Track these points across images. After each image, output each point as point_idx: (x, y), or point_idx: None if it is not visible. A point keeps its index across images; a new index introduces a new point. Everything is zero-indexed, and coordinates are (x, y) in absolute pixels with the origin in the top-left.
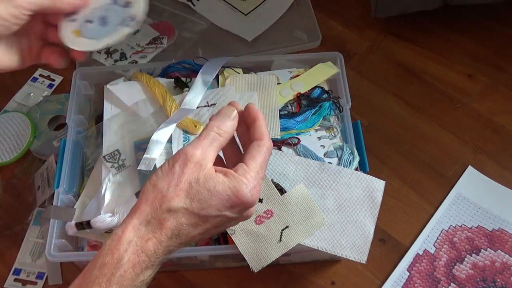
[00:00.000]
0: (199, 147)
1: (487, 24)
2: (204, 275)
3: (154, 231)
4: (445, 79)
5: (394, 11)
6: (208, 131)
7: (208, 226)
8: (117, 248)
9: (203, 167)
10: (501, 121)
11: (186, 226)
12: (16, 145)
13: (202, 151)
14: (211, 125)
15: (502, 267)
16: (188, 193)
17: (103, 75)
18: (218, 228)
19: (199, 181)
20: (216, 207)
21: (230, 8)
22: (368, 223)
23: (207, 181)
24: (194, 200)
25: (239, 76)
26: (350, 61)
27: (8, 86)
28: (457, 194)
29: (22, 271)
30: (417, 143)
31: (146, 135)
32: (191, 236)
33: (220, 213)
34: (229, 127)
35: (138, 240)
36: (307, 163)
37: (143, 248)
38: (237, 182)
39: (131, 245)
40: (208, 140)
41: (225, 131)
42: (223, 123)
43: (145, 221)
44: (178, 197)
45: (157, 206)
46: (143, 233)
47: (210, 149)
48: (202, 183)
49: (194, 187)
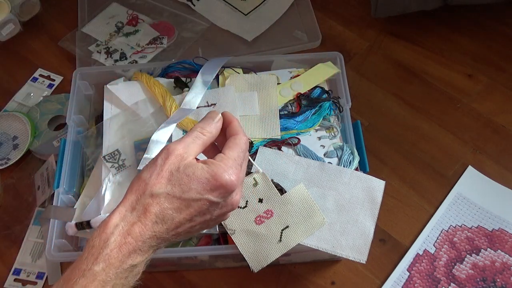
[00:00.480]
0: (182, 142)
1: (487, 24)
2: (204, 275)
3: (139, 216)
4: (445, 79)
5: (394, 11)
6: (192, 130)
7: (192, 211)
8: (104, 231)
9: (184, 158)
10: (501, 121)
11: (170, 211)
12: (16, 145)
13: (184, 145)
14: (195, 126)
15: (502, 267)
16: (169, 180)
17: (103, 75)
18: (205, 216)
19: (179, 169)
20: (196, 190)
21: (230, 8)
22: (368, 223)
23: (186, 168)
24: (175, 186)
25: (239, 76)
26: (350, 61)
27: (8, 86)
28: (457, 194)
29: (22, 271)
30: (417, 143)
31: (146, 135)
32: (177, 221)
33: (201, 196)
34: (213, 127)
35: (124, 224)
36: (307, 163)
37: (129, 231)
38: (215, 166)
39: (117, 228)
40: (191, 137)
41: (208, 131)
42: (207, 124)
43: (130, 207)
44: (160, 184)
45: (141, 193)
46: (129, 218)
47: (192, 145)
48: (182, 170)
49: (175, 175)
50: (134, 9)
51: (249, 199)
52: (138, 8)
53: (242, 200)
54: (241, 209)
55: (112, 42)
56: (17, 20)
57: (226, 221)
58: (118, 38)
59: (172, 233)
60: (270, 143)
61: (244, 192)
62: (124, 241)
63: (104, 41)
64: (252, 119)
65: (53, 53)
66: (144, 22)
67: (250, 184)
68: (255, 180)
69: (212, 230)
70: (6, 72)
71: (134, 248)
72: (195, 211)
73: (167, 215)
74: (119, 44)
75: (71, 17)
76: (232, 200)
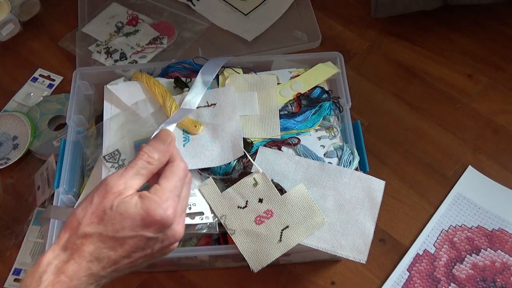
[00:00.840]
0: (123, 176)
1: (487, 24)
2: (204, 275)
3: (72, 255)
4: (445, 79)
5: (394, 11)
6: (137, 159)
7: (128, 248)
8: (37, 270)
9: (121, 195)
10: (501, 121)
11: (104, 249)
12: (16, 145)
13: (125, 181)
14: (142, 152)
15: (502, 267)
16: (101, 220)
17: (103, 75)
18: (145, 251)
19: (112, 207)
20: (130, 228)
21: (230, 8)
22: (368, 223)
23: (119, 205)
24: (108, 225)
25: (239, 76)
26: (350, 61)
27: (8, 86)
28: (457, 194)
29: (22, 271)
30: (417, 143)
31: (146, 135)
32: (113, 259)
33: (136, 233)
34: (162, 154)
35: (57, 262)
36: (307, 163)
37: (62, 269)
38: (149, 201)
39: (50, 266)
40: (134, 169)
41: (156, 159)
42: (156, 150)
43: (64, 246)
44: (92, 224)
45: (73, 232)
46: (62, 257)
47: (135, 179)
48: (115, 208)
49: (108, 213)
50: (134, 9)
51: (249, 199)
52: (138, 8)
53: (242, 200)
54: (241, 209)
55: (112, 42)
56: (17, 20)
57: (226, 221)
58: (118, 38)
59: (109, 270)
60: (270, 143)
61: (244, 192)
62: (57, 279)
63: (104, 41)
64: (252, 119)
65: (53, 53)
66: (144, 22)
67: (250, 184)
68: (255, 180)
69: (212, 230)
70: (6, 72)
71: (69, 287)
72: (132, 248)
73: (102, 253)
74: (119, 44)
75: (71, 17)
76: (174, 232)
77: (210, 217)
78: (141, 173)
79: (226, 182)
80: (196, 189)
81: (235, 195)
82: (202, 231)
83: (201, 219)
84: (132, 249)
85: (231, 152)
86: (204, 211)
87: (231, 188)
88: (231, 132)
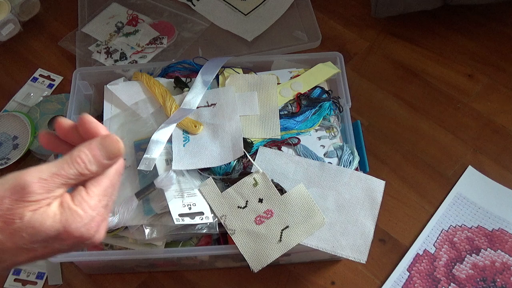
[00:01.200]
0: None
1: (487, 24)
2: (204, 275)
3: None
4: (445, 79)
5: (394, 11)
6: (69, 166)
7: (32, 256)
8: None
9: (38, 204)
10: (501, 121)
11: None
12: (16, 145)
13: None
14: (77, 160)
15: (502, 267)
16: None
17: (103, 75)
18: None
19: (24, 218)
20: (41, 241)
21: (230, 8)
22: (368, 223)
23: (33, 216)
24: (15, 236)
25: (239, 76)
26: (350, 61)
27: (8, 86)
28: (457, 194)
29: (22, 271)
30: (417, 143)
31: (146, 135)
32: (18, 261)
33: (47, 245)
34: (101, 167)
35: None
36: (307, 163)
37: None
38: (71, 214)
39: None
40: (62, 179)
41: (93, 172)
42: (96, 161)
43: None
44: None
45: None
46: None
47: (59, 188)
48: (28, 219)
49: (17, 224)
50: (134, 9)
51: (249, 199)
52: (138, 8)
53: (242, 200)
54: (241, 209)
55: (112, 42)
56: (17, 20)
57: (226, 221)
58: (118, 38)
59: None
60: (270, 143)
61: (244, 192)
62: None
63: (104, 41)
64: (252, 119)
65: (53, 53)
66: (144, 22)
67: (250, 184)
68: (255, 180)
69: (212, 230)
70: (6, 72)
71: None
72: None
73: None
74: (119, 44)
75: (71, 17)
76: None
77: (210, 217)
78: (69, 183)
79: (226, 182)
80: (196, 189)
81: (235, 195)
82: (202, 231)
83: (201, 219)
84: (40, 255)
85: (231, 152)
86: (204, 211)
87: (231, 188)
88: (231, 132)
